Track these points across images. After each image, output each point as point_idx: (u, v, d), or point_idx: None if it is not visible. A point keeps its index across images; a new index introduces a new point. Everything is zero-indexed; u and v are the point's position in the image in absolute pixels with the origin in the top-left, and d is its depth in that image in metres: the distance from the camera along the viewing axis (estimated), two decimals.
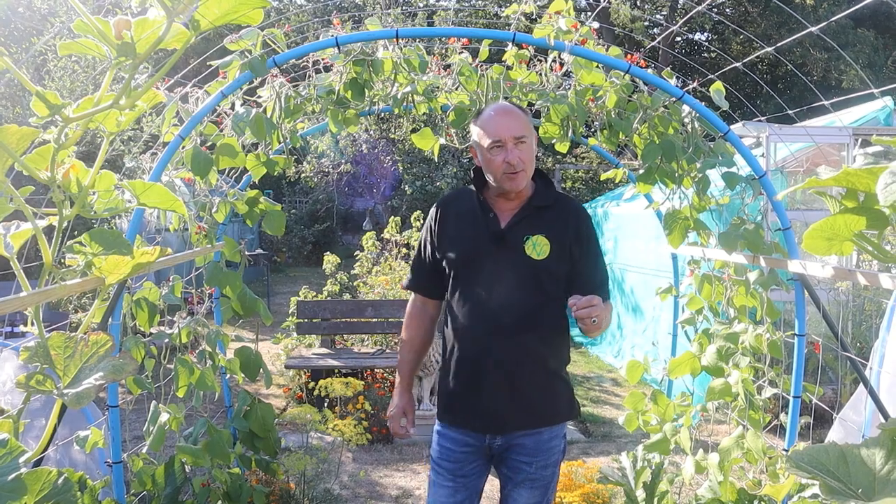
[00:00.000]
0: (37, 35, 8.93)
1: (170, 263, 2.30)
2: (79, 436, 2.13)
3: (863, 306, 5.03)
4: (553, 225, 2.01)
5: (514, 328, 1.96)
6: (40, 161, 1.24)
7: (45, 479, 1.07)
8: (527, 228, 1.99)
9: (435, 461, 2.10)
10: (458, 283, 2.04)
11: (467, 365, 2.01)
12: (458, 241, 2.05)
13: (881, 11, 16.71)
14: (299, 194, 15.96)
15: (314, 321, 5.81)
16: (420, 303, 2.20)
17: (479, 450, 2.04)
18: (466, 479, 2.06)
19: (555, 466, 2.07)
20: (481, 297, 1.99)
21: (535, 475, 2.02)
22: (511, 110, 2.00)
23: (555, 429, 2.05)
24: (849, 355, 2.32)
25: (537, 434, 2.02)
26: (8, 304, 1.32)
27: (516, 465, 2.03)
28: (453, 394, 2.05)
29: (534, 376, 2.00)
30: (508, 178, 1.96)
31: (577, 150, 13.39)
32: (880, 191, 0.91)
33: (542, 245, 1.97)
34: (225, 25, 1.26)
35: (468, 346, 2.01)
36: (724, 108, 2.46)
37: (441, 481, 2.07)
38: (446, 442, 2.07)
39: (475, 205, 2.06)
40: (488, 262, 1.99)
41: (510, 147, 1.93)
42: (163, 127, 2.31)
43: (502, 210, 2.04)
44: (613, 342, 7.62)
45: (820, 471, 1.01)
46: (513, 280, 1.97)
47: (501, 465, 2.07)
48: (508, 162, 1.93)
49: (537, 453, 2.02)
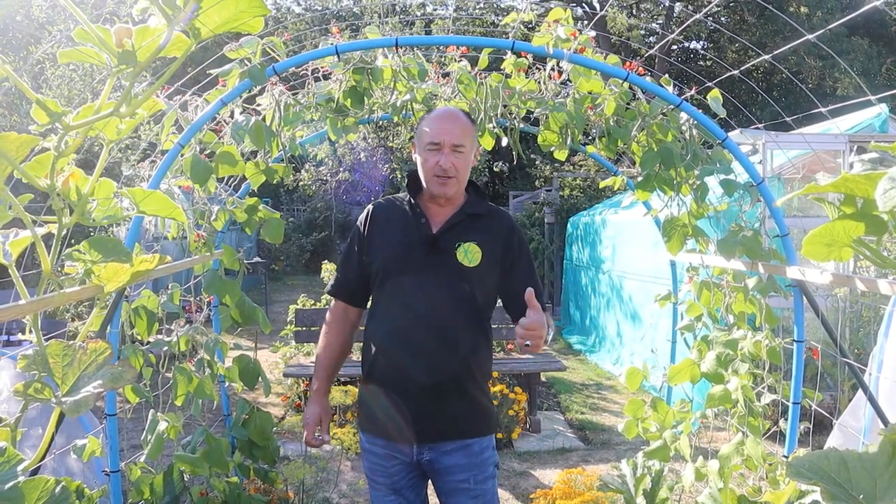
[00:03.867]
0: (35, 44, 8.94)
1: (168, 271, 2.30)
2: (76, 444, 2.12)
3: (861, 312, 5.04)
4: (485, 234, 1.99)
5: (442, 335, 1.92)
6: (40, 169, 1.24)
7: (43, 488, 1.07)
8: (459, 235, 1.96)
9: (369, 476, 2.06)
10: (385, 287, 2.00)
11: (390, 373, 1.96)
12: (387, 245, 2.02)
13: (875, 20, 16.83)
14: (297, 202, 15.97)
15: (312, 329, 5.80)
16: (342, 309, 2.15)
17: (409, 461, 1.99)
18: (405, 490, 2.02)
19: (493, 479, 2.03)
20: (408, 302, 1.95)
21: (477, 490, 1.98)
22: (457, 117, 1.98)
23: (483, 440, 2.01)
24: (848, 361, 2.32)
25: (467, 448, 1.97)
26: (6, 312, 1.31)
27: (455, 486, 1.98)
28: (377, 403, 1.99)
29: (459, 385, 1.95)
30: (438, 182, 1.94)
31: (575, 158, 13.41)
32: (879, 196, 0.91)
33: (473, 252, 1.94)
34: (224, 34, 1.27)
35: (392, 353, 1.96)
36: (721, 116, 2.47)
37: (381, 496, 2.03)
38: (374, 456, 2.03)
39: (406, 210, 2.03)
40: (418, 267, 1.96)
41: (446, 152, 1.92)
42: (162, 135, 2.31)
43: (434, 216, 2.01)
44: (612, 349, 7.61)
45: (821, 477, 1.00)
46: (442, 286, 1.94)
47: (438, 482, 2.02)
48: (441, 166, 1.92)
49: (472, 468, 1.97)
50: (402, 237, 2.00)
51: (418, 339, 1.93)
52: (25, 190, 1.34)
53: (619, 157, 2.98)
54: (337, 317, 2.16)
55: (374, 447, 2.03)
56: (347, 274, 2.12)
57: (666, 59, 17.64)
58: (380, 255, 2.02)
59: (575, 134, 2.53)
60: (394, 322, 1.97)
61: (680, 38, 18.69)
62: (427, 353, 1.92)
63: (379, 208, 2.10)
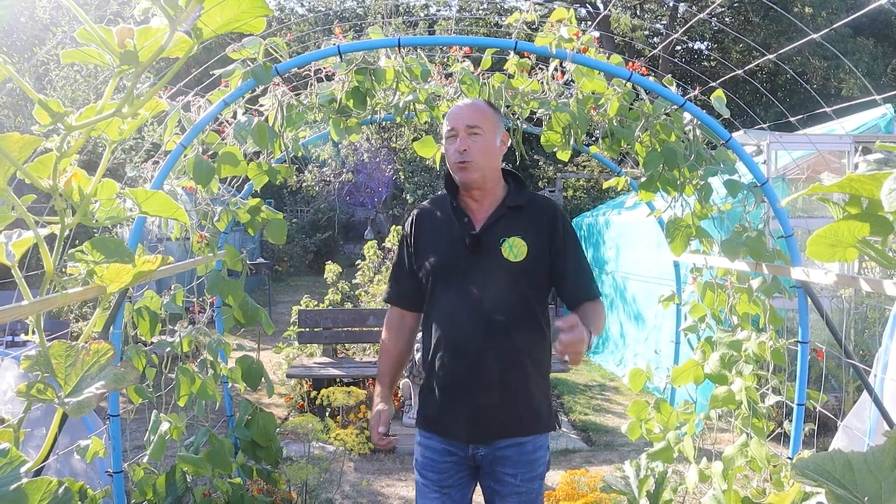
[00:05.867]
0: (38, 45, 8.97)
1: (171, 272, 2.30)
2: (79, 445, 2.12)
3: (866, 314, 5.02)
4: (529, 225, 1.97)
5: (496, 334, 1.92)
6: (42, 169, 1.24)
7: (46, 489, 1.07)
8: (502, 230, 1.95)
9: (419, 471, 2.07)
10: (437, 290, 2.00)
11: (449, 373, 1.97)
12: (433, 249, 2.02)
13: (880, 20, 16.79)
14: (301, 203, 15.99)
15: (316, 330, 5.80)
16: (398, 316, 2.15)
17: (462, 460, 2.00)
18: (452, 489, 2.02)
19: (541, 479, 2.03)
20: (460, 303, 1.95)
21: (521, 488, 1.98)
22: (473, 103, 1.98)
23: (538, 439, 2.01)
24: (852, 363, 2.31)
25: (521, 445, 1.97)
26: (9, 313, 1.31)
27: (502, 477, 1.98)
28: (435, 402, 2.00)
29: (517, 383, 1.96)
30: (459, 168, 1.94)
31: (578, 159, 13.41)
32: (884, 196, 0.91)
33: (518, 247, 1.93)
34: (226, 35, 1.27)
35: (449, 354, 1.97)
36: (725, 116, 2.47)
37: (427, 492, 2.04)
38: (429, 452, 2.04)
39: (449, 210, 2.02)
40: (466, 268, 1.95)
41: (462, 136, 1.92)
42: (165, 135, 2.32)
43: (475, 213, 2.00)
44: (615, 351, 7.60)
45: (826, 479, 1.00)
46: (491, 284, 1.93)
47: (486, 478, 2.03)
48: (457, 150, 1.92)
49: (522, 465, 1.97)
50: (447, 239, 2.00)
51: (472, 341, 1.93)
52: (28, 190, 1.35)
53: (622, 157, 2.97)
54: (393, 325, 2.16)
55: (429, 442, 2.04)
56: (400, 281, 2.13)
57: (670, 59, 17.62)
58: (427, 259, 2.02)
59: (578, 134, 2.52)
60: (446, 325, 1.97)
61: (684, 39, 18.67)
62: (482, 355, 1.92)
63: (423, 212, 2.11)
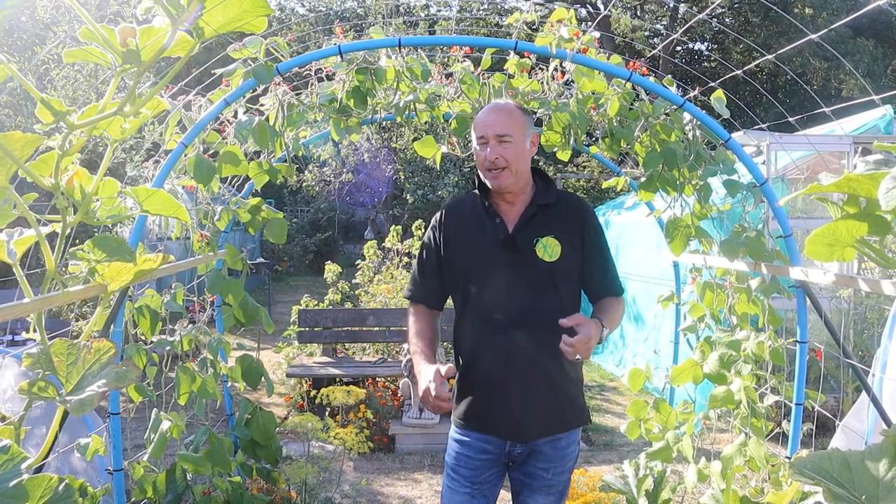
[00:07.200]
0: (40, 44, 8.98)
1: (172, 271, 2.30)
2: (79, 443, 2.12)
3: (864, 314, 5.02)
4: (560, 224, 1.99)
5: (537, 334, 1.92)
6: (44, 168, 1.25)
7: (47, 486, 1.07)
8: (535, 230, 1.96)
9: (451, 467, 2.07)
10: (469, 291, 2.00)
11: (489, 374, 1.97)
12: (466, 249, 2.02)
13: (880, 21, 16.78)
14: (301, 203, 15.98)
15: (315, 330, 5.80)
16: (424, 309, 2.14)
17: (497, 457, 2.02)
18: (483, 486, 2.04)
19: (570, 472, 2.08)
20: (498, 304, 1.95)
21: (553, 481, 2.02)
22: (501, 108, 1.98)
23: (572, 434, 2.04)
24: (851, 363, 2.31)
25: (556, 440, 2.00)
26: (10, 311, 1.32)
27: (534, 471, 2.01)
28: (476, 402, 2.01)
29: (557, 381, 1.97)
30: (491, 176, 1.95)
31: (578, 160, 13.41)
32: (882, 196, 0.91)
33: (552, 246, 1.94)
34: (227, 34, 1.27)
35: (489, 354, 1.97)
36: (724, 116, 2.47)
37: (457, 487, 2.04)
38: (465, 448, 2.04)
39: (480, 210, 2.03)
40: (501, 269, 1.96)
41: (492, 144, 1.93)
42: (166, 135, 2.32)
43: (507, 213, 2.01)
44: (615, 351, 7.60)
45: (824, 478, 1.00)
46: (528, 284, 1.94)
47: (517, 471, 2.06)
48: (488, 159, 1.93)
49: (555, 459, 2.01)
50: (480, 240, 2.00)
51: (508, 342, 1.93)
52: (30, 189, 1.35)
53: (622, 157, 2.97)
54: (420, 314, 2.11)
55: (465, 439, 2.04)
56: (425, 279, 2.11)
57: (670, 59, 17.63)
58: (460, 259, 2.02)
59: (578, 134, 2.53)
60: (485, 326, 1.97)
61: (684, 39, 18.67)
62: (518, 355, 1.93)
63: (452, 211, 2.10)
